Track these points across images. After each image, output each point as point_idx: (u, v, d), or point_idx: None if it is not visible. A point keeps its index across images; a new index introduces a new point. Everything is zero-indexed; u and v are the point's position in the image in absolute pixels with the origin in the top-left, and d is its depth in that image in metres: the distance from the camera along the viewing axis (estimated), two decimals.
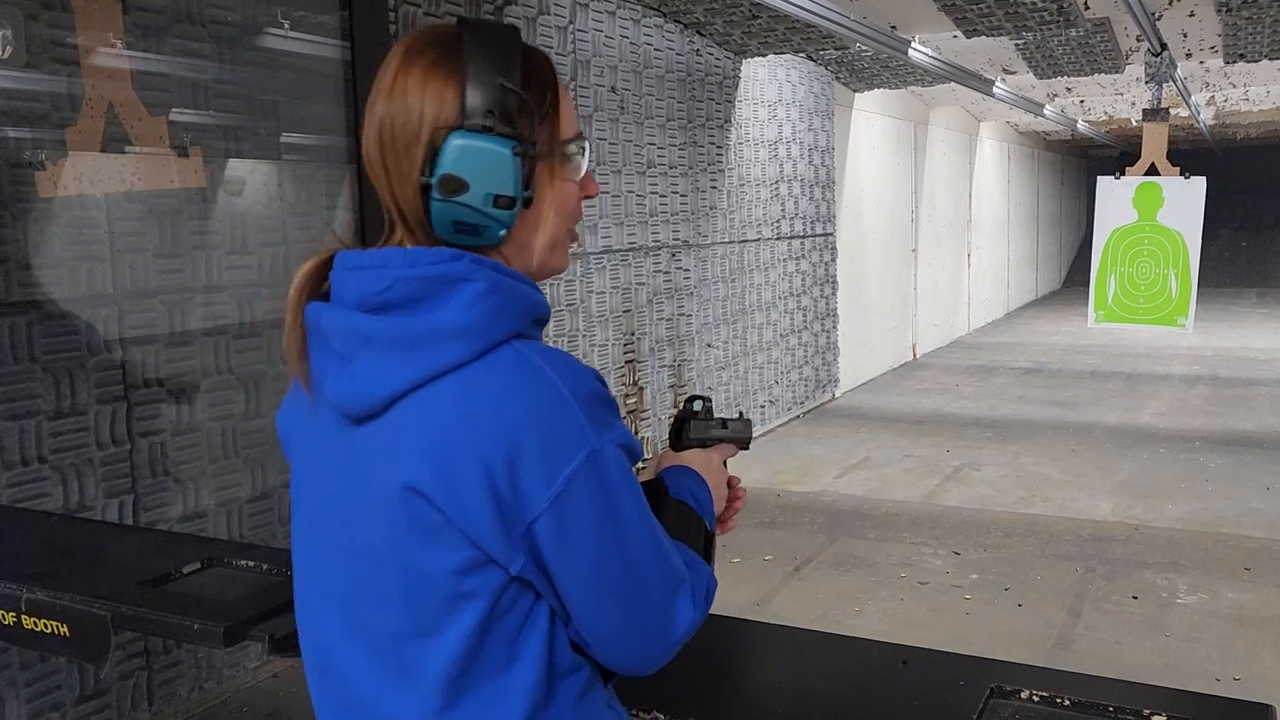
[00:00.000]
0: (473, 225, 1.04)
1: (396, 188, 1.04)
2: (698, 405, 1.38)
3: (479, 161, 1.02)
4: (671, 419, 1.39)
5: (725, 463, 1.37)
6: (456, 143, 1.01)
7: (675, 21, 6.22)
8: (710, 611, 1.15)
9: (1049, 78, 7.62)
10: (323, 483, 1.09)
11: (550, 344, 1.07)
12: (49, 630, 1.93)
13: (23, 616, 1.94)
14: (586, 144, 1.14)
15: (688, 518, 1.22)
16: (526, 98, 1.04)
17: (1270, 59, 6.74)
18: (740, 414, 1.42)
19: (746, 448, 1.39)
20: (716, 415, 1.38)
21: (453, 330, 0.99)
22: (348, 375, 1.03)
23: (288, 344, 1.09)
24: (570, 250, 1.18)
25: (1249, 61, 6.85)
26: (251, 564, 2.16)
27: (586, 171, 1.14)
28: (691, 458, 1.33)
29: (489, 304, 1.00)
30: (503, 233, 1.06)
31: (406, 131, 1.03)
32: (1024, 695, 1.60)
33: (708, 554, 1.21)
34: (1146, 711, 1.54)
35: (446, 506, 0.98)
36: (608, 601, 1.03)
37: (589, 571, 1.01)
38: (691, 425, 1.37)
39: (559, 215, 1.11)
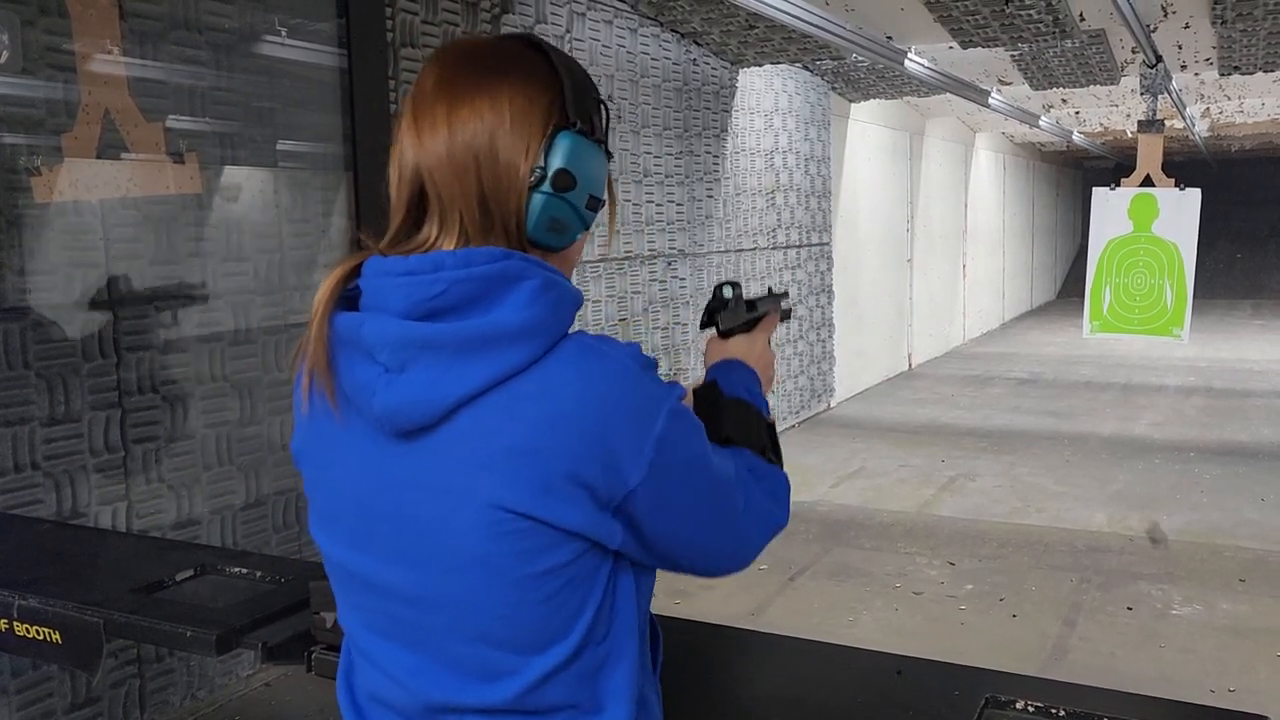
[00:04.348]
0: (565, 224, 1.06)
1: (489, 182, 1.03)
2: (728, 292, 1.39)
3: (586, 160, 1.06)
4: (705, 307, 1.41)
5: (770, 340, 1.42)
6: (566, 140, 1.04)
7: (672, 31, 6.23)
8: (703, 620, 1.16)
9: (1044, 89, 7.65)
10: (367, 496, 1.06)
11: None
12: (41, 637, 1.92)
13: (14, 623, 1.93)
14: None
15: (747, 414, 1.27)
16: (608, 116, 1.12)
17: (1265, 71, 6.77)
18: (770, 290, 1.44)
19: (788, 319, 1.45)
20: (747, 298, 1.40)
21: (520, 329, 0.99)
22: (401, 386, 1.00)
23: (312, 357, 1.05)
24: None
25: (1244, 74, 6.87)
26: (245, 571, 2.16)
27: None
28: (736, 347, 1.38)
29: (548, 299, 1.01)
30: (579, 236, 1.09)
31: (521, 125, 1.04)
32: (1019, 706, 1.60)
33: (774, 442, 1.27)
34: None
35: (543, 512, 0.98)
36: (699, 532, 1.09)
37: (682, 515, 1.06)
38: (721, 317, 1.39)
39: (587, 236, 1.15)
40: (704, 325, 1.41)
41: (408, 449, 1.02)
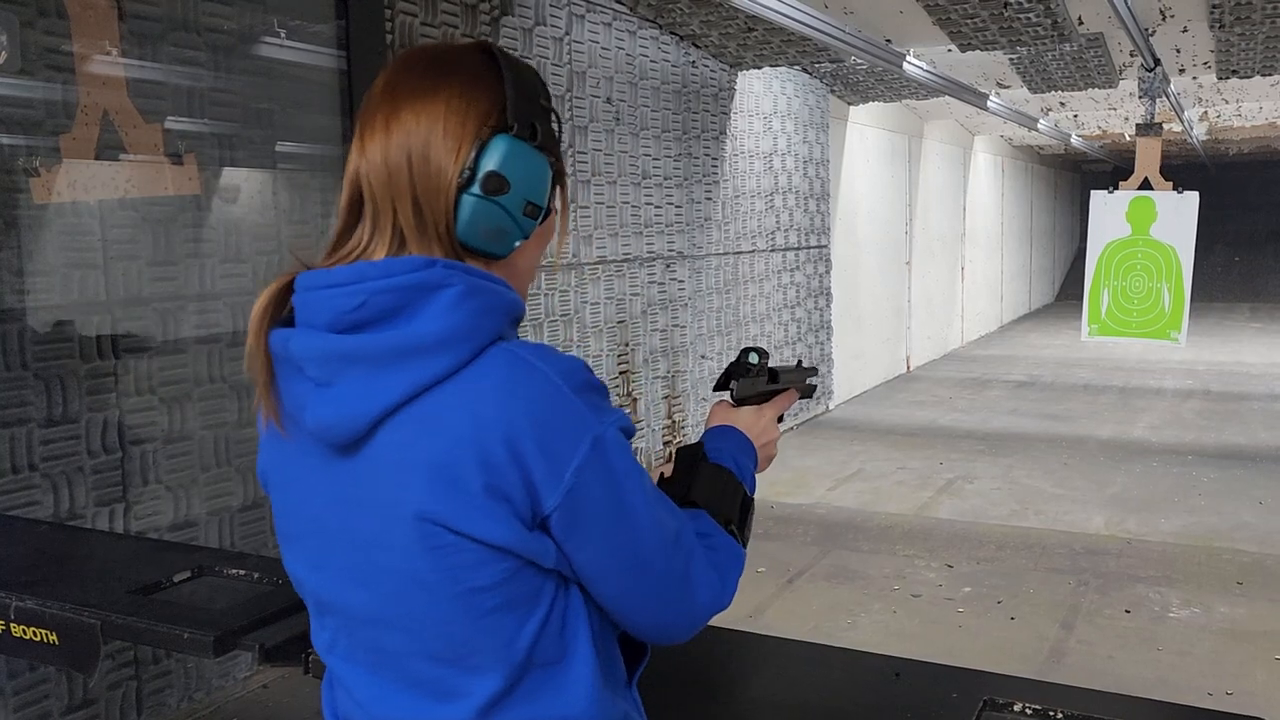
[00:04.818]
0: (499, 230, 1.04)
1: (420, 183, 1.01)
2: (753, 358, 1.32)
3: (523, 165, 1.04)
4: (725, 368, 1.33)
5: (782, 416, 1.35)
6: (504, 143, 1.02)
7: (671, 33, 6.24)
8: None
9: (1043, 92, 7.65)
10: (320, 514, 1.05)
11: None
12: (38, 638, 1.91)
13: (11, 624, 1.93)
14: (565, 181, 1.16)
15: (724, 484, 1.21)
16: (559, 120, 1.09)
17: (1262, 75, 6.78)
18: (799, 362, 1.37)
19: (810, 395, 1.37)
20: (774, 365, 1.33)
21: (439, 339, 0.97)
22: (328, 401, 0.99)
23: (253, 376, 1.05)
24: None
25: (1241, 77, 6.88)
26: (242, 573, 2.15)
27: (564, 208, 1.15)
28: (741, 416, 1.31)
29: (470, 307, 0.98)
30: (518, 243, 1.06)
31: (456, 127, 1.02)
32: (1017, 708, 1.60)
33: (743, 520, 1.21)
34: None
35: (465, 525, 0.96)
36: (623, 580, 1.03)
37: (602, 554, 1.01)
38: (739, 384, 1.31)
39: (541, 246, 1.12)
40: (718, 387, 1.34)
41: (347, 465, 1.01)
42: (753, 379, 1.32)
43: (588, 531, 1.00)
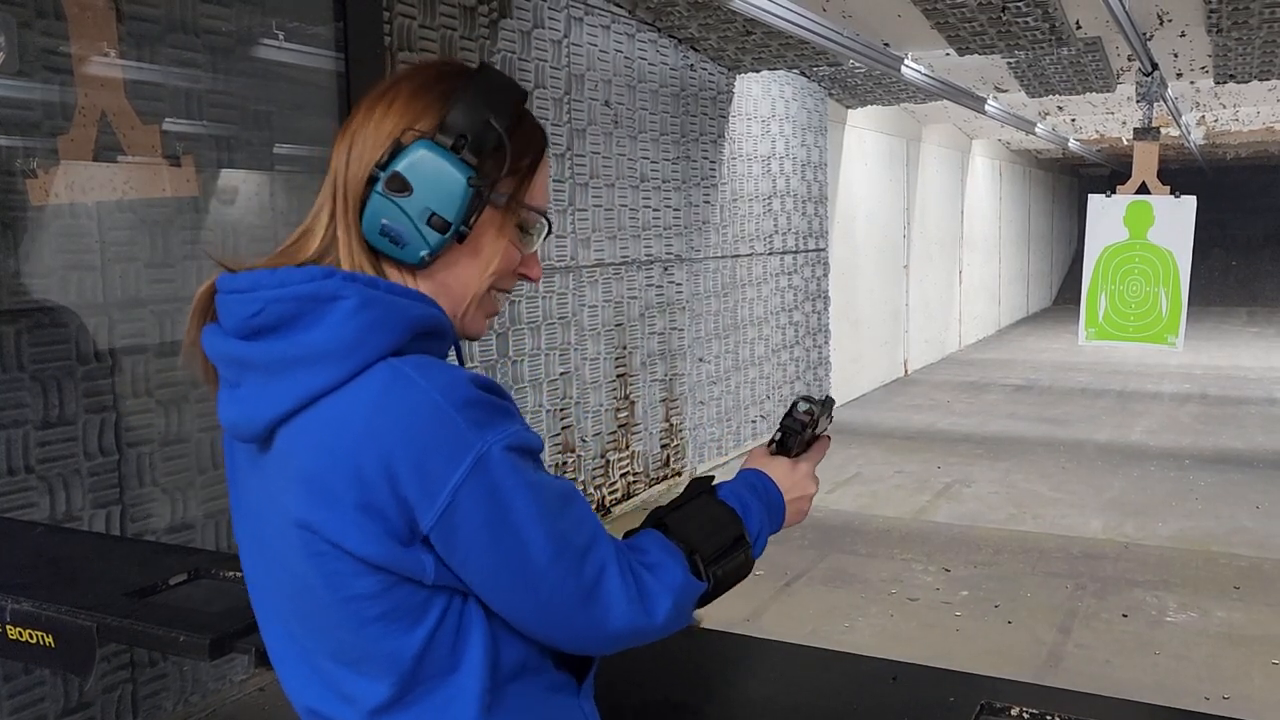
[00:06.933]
0: (397, 232, 1.05)
1: (350, 181, 1.07)
2: (802, 407, 1.27)
3: (431, 173, 1.04)
4: (781, 426, 1.30)
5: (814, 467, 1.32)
6: (419, 149, 1.05)
7: (669, 36, 6.24)
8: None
9: (1040, 96, 7.66)
10: (245, 514, 1.10)
11: (541, 356, 1.07)
12: (34, 641, 1.91)
13: (7, 627, 1.93)
14: (548, 225, 1.15)
15: (712, 519, 1.16)
16: (506, 143, 1.07)
17: (1260, 80, 6.79)
18: (826, 397, 1.34)
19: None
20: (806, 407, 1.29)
21: (322, 351, 0.98)
22: (235, 401, 1.04)
23: (198, 373, 1.10)
24: (489, 323, 1.18)
25: (1239, 82, 6.89)
26: (239, 575, 2.15)
27: (534, 252, 1.14)
28: (776, 466, 1.28)
29: (359, 321, 0.98)
30: (424, 254, 1.06)
31: (385, 129, 1.07)
32: (1014, 712, 1.60)
33: (719, 557, 1.15)
34: None
35: (337, 537, 0.97)
36: (513, 596, 1.01)
37: (488, 570, 0.99)
38: (796, 440, 1.27)
39: (491, 273, 1.10)
40: (770, 443, 1.31)
41: (261, 463, 1.05)
42: (800, 434, 1.29)
43: (469, 549, 0.98)
